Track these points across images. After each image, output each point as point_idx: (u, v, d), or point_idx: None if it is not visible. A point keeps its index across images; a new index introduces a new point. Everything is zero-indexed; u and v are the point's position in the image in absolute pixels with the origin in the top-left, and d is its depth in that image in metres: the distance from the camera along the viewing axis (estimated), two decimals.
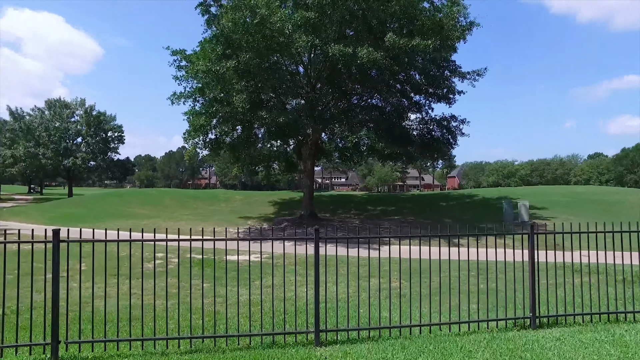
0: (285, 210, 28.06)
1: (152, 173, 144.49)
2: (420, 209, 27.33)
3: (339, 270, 10.52)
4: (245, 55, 16.77)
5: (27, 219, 24.80)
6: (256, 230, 20.98)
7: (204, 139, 19.90)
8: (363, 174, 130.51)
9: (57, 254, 5.44)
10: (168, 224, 22.22)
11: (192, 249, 13.98)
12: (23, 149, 45.67)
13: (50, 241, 5.44)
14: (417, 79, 21.36)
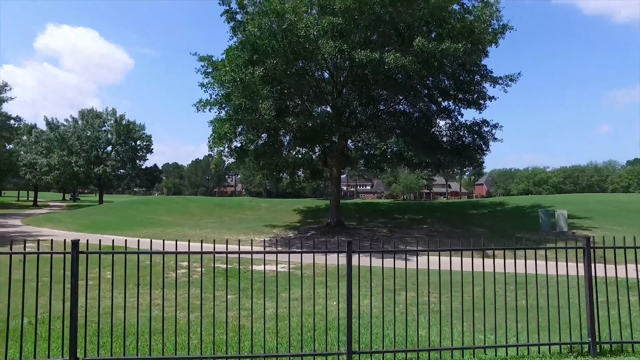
0: (311, 219, 27.69)
1: (180, 181, 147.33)
2: (449, 218, 26.46)
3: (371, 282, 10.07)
4: (272, 62, 16.63)
5: (59, 226, 25.34)
6: (282, 239, 20.70)
7: (229, 146, 19.81)
8: (388, 181, 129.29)
9: (75, 265, 5.22)
10: (194, 231, 22.22)
11: (217, 258, 13.75)
12: (57, 158, 47.25)
13: (69, 252, 5.23)
14: (446, 84, 20.71)
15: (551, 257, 5.73)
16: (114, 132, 52.54)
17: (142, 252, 5.42)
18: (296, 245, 18.69)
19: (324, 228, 22.99)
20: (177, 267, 5.67)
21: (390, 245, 18.97)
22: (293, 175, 27.10)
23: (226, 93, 18.45)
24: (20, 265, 5.24)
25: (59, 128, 50.64)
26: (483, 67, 20.86)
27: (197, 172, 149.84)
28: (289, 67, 17.37)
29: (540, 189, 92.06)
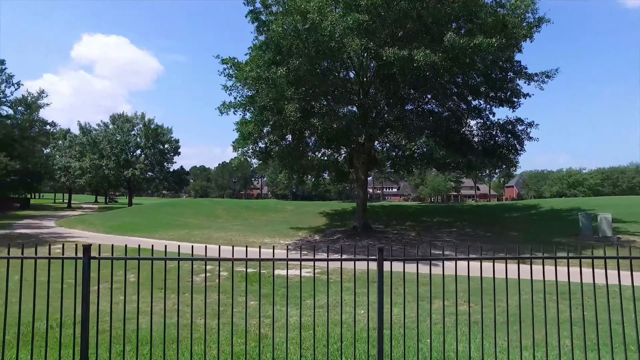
0: (337, 221, 27.23)
1: (207, 183, 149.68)
2: (480, 221, 25.47)
3: (397, 289, 9.51)
4: (296, 62, 16.29)
5: (89, 227, 25.82)
6: (308, 242, 20.33)
7: (253, 147, 19.56)
8: (415, 183, 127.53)
9: (87, 272, 4.93)
10: (219, 234, 22.13)
11: (241, 263, 13.38)
12: (89, 161, 48.66)
13: (81, 258, 4.95)
14: (477, 82, 19.85)
15: (598, 265, 5.09)
16: (143, 135, 53.70)
17: (156, 259, 5.10)
18: (322, 249, 18.27)
19: (350, 231, 22.47)
20: (192, 273, 5.30)
21: (420, 249, 18.29)
22: (318, 178, 26.69)
23: (250, 94, 18.25)
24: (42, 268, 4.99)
25: (91, 132, 52.20)
26: (517, 64, 19.86)
27: (224, 174, 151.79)
28: (313, 67, 16.99)
29: (575, 192, 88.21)
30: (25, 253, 5.19)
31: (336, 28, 15.98)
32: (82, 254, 4.93)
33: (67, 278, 5.12)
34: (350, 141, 19.51)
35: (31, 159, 46.31)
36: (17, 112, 45.92)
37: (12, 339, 6.00)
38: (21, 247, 5.13)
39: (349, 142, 19.83)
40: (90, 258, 4.97)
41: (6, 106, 45.34)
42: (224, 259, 5.31)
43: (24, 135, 44.57)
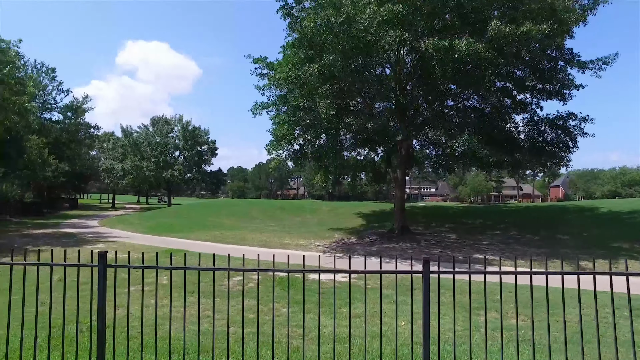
0: (374, 223, 26.44)
1: (244, 184, 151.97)
2: (526, 223, 23.91)
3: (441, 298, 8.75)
4: (329, 57, 15.71)
5: (128, 227, 26.40)
6: (344, 244, 19.73)
7: (288, 148, 19.17)
8: (454, 183, 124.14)
9: (103, 281, 4.58)
10: (253, 235, 21.92)
11: (275, 266, 12.87)
12: (130, 163, 50.36)
13: (96, 265, 4.61)
14: (523, 74, 18.52)
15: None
16: (181, 137, 54.98)
17: (175, 268, 4.70)
18: (358, 252, 17.63)
19: (387, 233, 21.67)
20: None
21: (461, 253, 17.26)
22: (355, 178, 26.01)
23: (283, 94, 17.86)
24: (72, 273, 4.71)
25: (132, 135, 54.04)
26: (568, 51, 18.29)
27: (261, 175, 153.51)
28: (347, 63, 16.32)
29: (631, 191, 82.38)
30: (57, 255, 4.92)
31: (371, 21, 15.28)
32: (98, 262, 4.60)
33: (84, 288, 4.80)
34: (387, 140, 18.72)
35: (78, 161, 48.48)
36: (66, 117, 48.25)
37: (42, 342, 5.85)
38: (39, 252, 4.87)
39: (385, 141, 19.05)
40: (106, 266, 4.62)
41: (56, 112, 47.77)
42: (248, 270, 4.83)
43: (72, 139, 46.70)
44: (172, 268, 4.66)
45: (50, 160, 36.95)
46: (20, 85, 26.24)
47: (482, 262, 15.27)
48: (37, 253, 4.86)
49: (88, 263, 4.68)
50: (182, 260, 13.64)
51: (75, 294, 4.63)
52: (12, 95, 23.95)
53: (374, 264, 14.69)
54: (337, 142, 18.94)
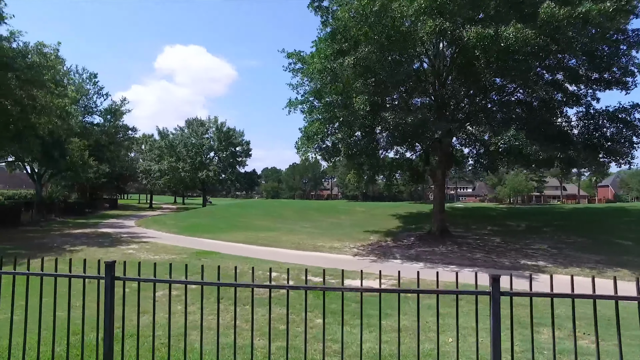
0: (411, 224, 25.32)
1: (278, 185, 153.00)
2: (578, 226, 22.11)
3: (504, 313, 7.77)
4: (364, 50, 14.82)
5: (162, 227, 26.53)
6: (380, 247, 18.81)
7: (319, 145, 18.39)
8: (492, 183, 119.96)
9: (110, 294, 3.98)
10: (286, 236, 21.35)
11: (309, 270, 12.09)
12: (167, 164, 51.34)
13: (103, 277, 4.02)
14: (577, 62, 16.93)
15: None
16: (216, 138, 55.56)
17: (190, 283, 4.05)
18: (395, 255, 16.69)
19: (426, 235, 20.56)
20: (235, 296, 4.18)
21: (507, 258, 15.98)
22: (390, 178, 24.98)
23: (316, 89, 17.10)
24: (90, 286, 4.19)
25: (168, 136, 55.13)
26: (633, 33, 16.33)
27: (294, 175, 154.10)
28: (383, 56, 15.39)
29: None
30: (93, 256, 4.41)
31: (407, 10, 14.29)
32: (105, 273, 4.02)
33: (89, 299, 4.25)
34: (426, 137, 17.62)
35: (117, 163, 49.89)
36: (106, 120, 49.80)
37: (62, 351, 5.42)
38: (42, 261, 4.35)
39: (424, 139, 17.97)
40: (114, 278, 4.03)
41: (97, 115, 49.36)
42: (275, 287, 4.09)
43: (111, 141, 48.07)
44: (187, 282, 4.02)
45: (91, 162, 38.01)
46: (61, 87, 26.94)
47: (531, 268, 13.98)
48: (41, 261, 4.33)
49: (94, 275, 4.11)
50: (209, 263, 12.94)
51: (95, 305, 4.06)
52: (54, 99, 24.55)
53: (414, 271, 13.52)
54: (372, 139, 18.04)
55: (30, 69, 22.15)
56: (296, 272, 12.45)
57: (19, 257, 15.66)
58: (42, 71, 22.97)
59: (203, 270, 4.10)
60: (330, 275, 12.18)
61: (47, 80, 23.69)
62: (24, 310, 4.13)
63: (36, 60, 22.96)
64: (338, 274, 12.60)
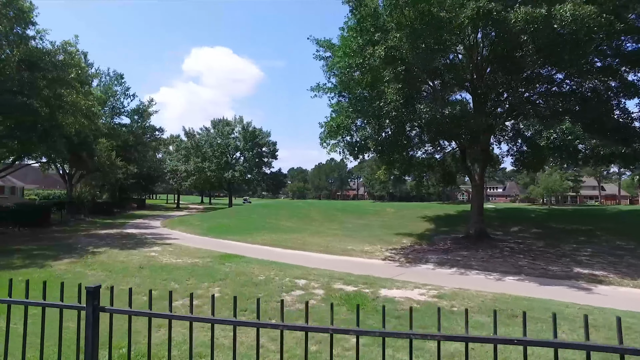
0: (444, 227, 23.87)
1: (304, 185, 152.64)
2: (633, 230, 20.17)
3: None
4: (396, 36, 13.55)
5: (188, 228, 26.02)
6: (414, 251, 17.54)
7: (344, 139, 17.18)
8: (524, 183, 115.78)
9: (92, 329, 2.97)
10: (314, 239, 20.35)
11: (339, 277, 10.92)
12: (193, 164, 51.32)
13: (83, 308, 3.02)
14: (636, 47, 15.17)
15: None
16: (242, 138, 55.19)
17: (196, 320, 3.03)
18: (431, 261, 15.40)
19: (463, 239, 19.14)
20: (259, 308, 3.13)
21: (558, 265, 14.42)
22: (420, 178, 23.60)
23: (343, 79, 15.89)
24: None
25: (194, 137, 55.18)
26: None
27: (320, 176, 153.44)
28: (417, 43, 14.05)
29: None
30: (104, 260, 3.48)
31: None
32: (86, 302, 3.04)
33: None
34: (464, 133, 16.20)
35: (145, 163, 50.24)
36: (133, 120, 50.25)
37: None
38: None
39: (461, 134, 16.58)
40: (97, 309, 3.04)
41: (124, 116, 49.85)
42: (289, 327, 2.97)
43: (138, 141, 48.40)
44: (192, 319, 2.98)
45: (118, 163, 38.16)
46: (87, 85, 26.87)
47: (588, 278, 12.45)
48: (9, 284, 3.42)
49: (74, 304, 3.12)
50: (234, 268, 11.71)
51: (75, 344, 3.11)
52: (80, 98, 24.43)
53: (454, 279, 12.46)
54: (404, 134, 16.77)
55: (56, 68, 22.04)
56: (326, 280, 11.41)
57: (43, 258, 15.36)
58: (67, 69, 22.84)
59: (214, 302, 3.09)
60: (363, 283, 11.09)
61: (73, 79, 23.56)
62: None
63: (62, 59, 22.87)
64: (372, 282, 11.49)
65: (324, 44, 17.27)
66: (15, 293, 3.30)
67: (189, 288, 10.29)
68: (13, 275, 11.71)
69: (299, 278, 11.62)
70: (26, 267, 13.12)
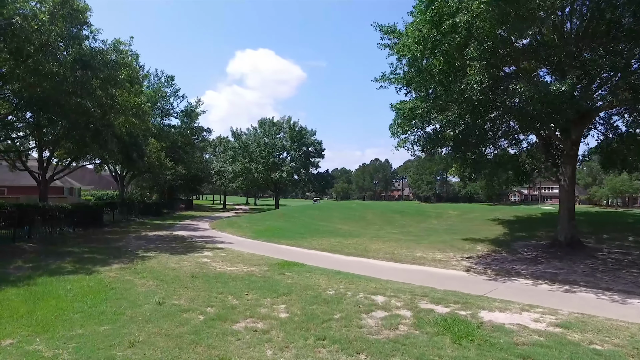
0: (519, 231, 21.27)
1: (347, 185, 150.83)
2: None
3: None
4: (478, 7, 11.34)
5: (237, 231, 24.89)
6: (495, 260, 15.28)
7: (417, 133, 15.15)
8: (585, 183, 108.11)
9: None
10: (376, 244, 18.44)
11: (423, 294, 9.01)
12: (240, 165, 50.84)
13: None
14: None
15: None
16: (288, 137, 54.15)
17: None
18: (520, 273, 13.13)
19: (550, 247, 16.57)
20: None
21: None
22: (493, 176, 21.11)
23: (414, 64, 13.83)
24: None
25: (241, 137, 54.79)
26: None
27: (365, 176, 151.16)
28: (501, 15, 11.73)
29: None
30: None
31: None
32: None
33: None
34: (563, 116, 13.61)
35: (193, 164, 50.31)
36: (183, 121, 50.52)
37: None
38: None
39: (549, 124, 14.06)
40: None
41: (173, 117, 50.21)
42: None
43: (187, 142, 48.51)
44: None
45: (167, 163, 38.05)
46: (137, 85, 26.50)
47: None
48: None
49: None
50: (295, 279, 9.61)
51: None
52: (131, 97, 24.02)
53: (563, 298, 10.14)
54: (482, 126, 14.50)
55: (108, 67, 21.61)
56: (409, 298, 9.58)
57: (93, 263, 14.55)
58: (119, 69, 22.39)
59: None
60: (455, 303, 9.16)
61: (124, 80, 23.10)
62: None
63: (113, 59, 22.45)
64: (464, 300, 9.51)
65: (388, 29, 15.36)
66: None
67: (250, 305, 8.78)
68: (62, 282, 10.80)
69: (375, 294, 9.86)
70: (75, 272, 12.20)
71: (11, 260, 13.91)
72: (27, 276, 11.50)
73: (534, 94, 11.10)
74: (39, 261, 13.96)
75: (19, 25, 16.71)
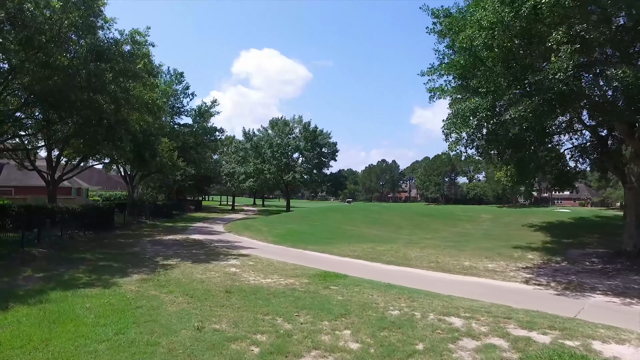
0: (564, 238, 19.68)
1: (354, 186, 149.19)
2: None
3: None
4: None
5: (257, 235, 23.35)
6: (555, 271, 13.72)
7: (473, 132, 13.53)
8: (598, 186, 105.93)
9: None
10: (413, 252, 16.85)
11: (504, 315, 7.43)
12: (252, 166, 49.40)
13: None
14: None
15: None
16: (302, 138, 52.64)
17: None
18: (593, 287, 11.59)
19: (616, 256, 14.98)
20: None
21: None
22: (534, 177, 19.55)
23: (474, 52, 12.21)
24: None
25: (253, 138, 53.37)
26: None
27: (371, 177, 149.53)
28: None
29: None
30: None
31: None
32: None
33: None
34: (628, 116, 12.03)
35: (203, 165, 48.89)
36: (195, 121, 49.15)
37: None
38: None
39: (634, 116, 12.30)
40: None
41: (184, 115, 48.84)
42: None
43: (198, 142, 47.10)
44: None
45: (179, 163, 36.67)
46: (153, 77, 25.08)
47: None
48: None
49: None
50: (344, 294, 7.81)
51: None
52: (146, 92, 22.61)
53: None
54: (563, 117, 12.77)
55: (124, 58, 20.23)
56: (491, 320, 8.09)
57: (110, 272, 13.08)
58: (135, 60, 20.99)
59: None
60: (550, 328, 7.65)
61: (140, 70, 21.68)
62: None
63: (129, 49, 21.08)
64: (560, 326, 7.90)
65: (440, 13, 13.75)
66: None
67: (307, 330, 7.26)
68: (79, 298, 9.31)
69: (447, 314, 8.32)
70: (92, 284, 10.70)
71: (20, 269, 12.45)
72: (38, 290, 10.03)
73: (632, 82, 9.43)
74: (50, 270, 12.50)
75: (30, 13, 15.33)
